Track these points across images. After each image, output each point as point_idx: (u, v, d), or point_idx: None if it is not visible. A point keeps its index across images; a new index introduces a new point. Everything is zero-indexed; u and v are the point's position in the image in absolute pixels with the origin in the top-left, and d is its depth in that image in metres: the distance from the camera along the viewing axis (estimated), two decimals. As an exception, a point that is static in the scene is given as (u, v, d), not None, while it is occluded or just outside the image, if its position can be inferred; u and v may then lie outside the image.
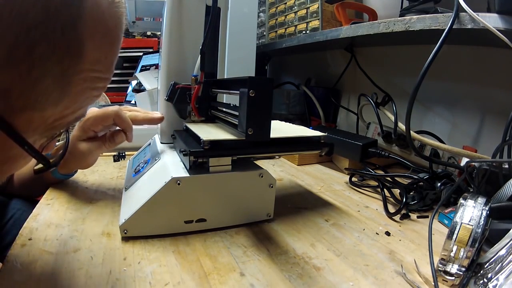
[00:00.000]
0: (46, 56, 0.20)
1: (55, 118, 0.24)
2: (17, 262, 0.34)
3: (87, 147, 0.48)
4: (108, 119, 0.47)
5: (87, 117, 0.47)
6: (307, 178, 0.68)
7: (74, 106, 0.24)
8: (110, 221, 0.44)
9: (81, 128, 0.47)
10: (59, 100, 0.23)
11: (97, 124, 0.47)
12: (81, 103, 0.25)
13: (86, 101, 0.25)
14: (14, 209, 0.55)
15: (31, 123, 0.22)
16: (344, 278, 0.35)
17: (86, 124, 0.47)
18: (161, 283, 0.32)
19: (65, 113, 0.24)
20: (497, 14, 0.46)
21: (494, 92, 0.64)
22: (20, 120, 0.22)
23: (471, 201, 0.36)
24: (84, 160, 0.49)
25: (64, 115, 0.24)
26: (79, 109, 0.25)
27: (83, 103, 0.25)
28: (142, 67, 1.37)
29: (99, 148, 0.49)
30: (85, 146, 0.48)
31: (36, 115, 0.22)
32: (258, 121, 0.35)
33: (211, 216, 0.43)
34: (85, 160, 0.49)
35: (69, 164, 0.51)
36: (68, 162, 0.51)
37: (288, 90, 1.14)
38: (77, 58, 0.22)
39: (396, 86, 0.85)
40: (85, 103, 0.25)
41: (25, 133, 0.22)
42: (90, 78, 0.24)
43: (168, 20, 0.51)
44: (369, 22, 0.66)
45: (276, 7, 1.10)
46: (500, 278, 0.30)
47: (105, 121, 0.48)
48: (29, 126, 0.22)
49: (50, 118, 0.23)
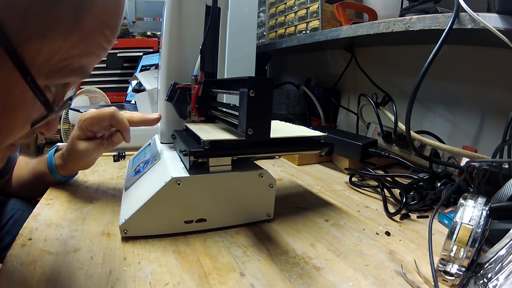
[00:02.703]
0: None
1: (62, 56, 0.23)
2: (17, 262, 0.34)
3: (85, 147, 0.48)
4: (104, 120, 0.48)
5: (85, 117, 0.48)
6: (307, 178, 0.68)
7: (81, 47, 0.24)
8: (110, 221, 0.44)
9: (79, 128, 0.48)
10: (69, 32, 0.23)
11: (94, 124, 0.48)
12: (88, 46, 0.24)
13: (93, 47, 0.25)
14: (14, 209, 0.55)
15: (38, 56, 0.22)
16: (344, 278, 0.35)
17: (84, 124, 0.48)
18: (161, 283, 0.32)
19: (71, 54, 0.23)
20: (497, 14, 0.46)
21: (494, 92, 0.64)
22: (28, 51, 0.21)
23: (471, 201, 0.36)
24: (83, 160, 0.50)
25: (70, 56, 0.23)
26: (85, 55, 0.25)
27: (90, 48, 0.25)
28: (142, 67, 1.37)
29: (98, 149, 0.49)
30: (84, 146, 0.48)
31: (45, 45, 0.22)
32: (258, 121, 0.35)
33: (211, 216, 0.43)
34: (84, 160, 0.50)
35: (68, 164, 0.51)
36: (67, 162, 0.51)
37: (288, 90, 1.14)
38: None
39: (396, 86, 0.85)
40: (92, 50, 0.25)
41: (30, 68, 0.22)
42: (101, 19, 0.24)
43: (168, 20, 0.51)
44: (369, 22, 0.66)
45: (276, 7, 1.10)
46: (500, 278, 0.30)
47: (101, 122, 0.48)
48: (35, 60, 0.22)
49: (56, 55, 0.23)
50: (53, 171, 0.52)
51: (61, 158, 0.52)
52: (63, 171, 0.52)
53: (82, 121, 0.48)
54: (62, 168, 0.52)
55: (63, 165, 0.52)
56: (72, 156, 0.49)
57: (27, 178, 0.55)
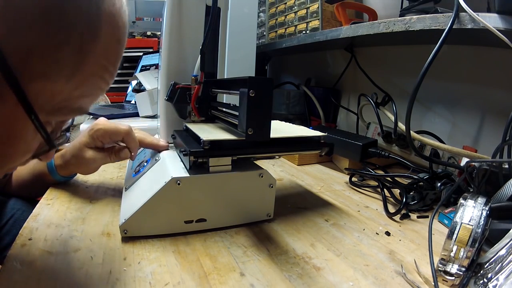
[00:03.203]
0: (72, 23, 0.21)
1: (63, 97, 0.24)
2: (17, 262, 0.34)
3: (93, 155, 0.49)
4: (119, 136, 0.49)
5: (98, 127, 0.49)
6: (307, 178, 0.68)
7: (82, 90, 0.25)
8: (110, 221, 0.44)
9: (90, 136, 0.49)
10: (72, 75, 0.23)
11: (106, 137, 0.49)
12: (88, 89, 0.25)
13: (92, 90, 0.26)
14: (14, 209, 0.55)
15: (41, 95, 0.22)
16: (344, 278, 0.35)
17: (96, 133, 0.48)
18: (161, 283, 0.32)
19: (72, 95, 0.24)
20: (497, 14, 0.46)
21: (494, 92, 0.64)
22: (32, 89, 0.22)
23: (471, 201, 0.36)
24: (87, 167, 0.50)
25: (71, 97, 0.24)
26: (84, 97, 0.25)
27: (89, 90, 0.26)
28: (142, 67, 1.37)
29: (103, 159, 0.50)
30: (91, 154, 0.49)
31: (48, 86, 0.22)
32: (258, 121, 0.35)
33: (211, 216, 0.43)
34: (87, 167, 0.50)
35: (71, 167, 0.52)
36: (70, 165, 0.51)
37: (288, 90, 1.14)
38: (94, 37, 0.23)
39: (396, 86, 0.85)
40: (90, 92, 0.26)
41: (33, 105, 0.22)
42: (101, 64, 0.25)
43: (168, 20, 0.51)
44: (369, 22, 0.66)
45: (276, 7, 1.10)
46: (500, 278, 0.30)
47: (115, 137, 0.50)
48: (38, 98, 0.22)
49: (58, 95, 0.23)
50: (53, 172, 0.52)
51: (62, 159, 0.52)
52: (63, 171, 0.52)
53: (94, 131, 0.48)
54: (62, 168, 0.52)
55: (63, 166, 0.52)
56: (77, 161, 0.50)
57: (26, 178, 0.56)
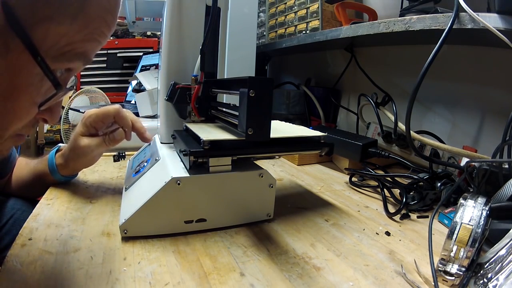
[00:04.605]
0: None
1: (67, 41, 0.24)
2: (17, 262, 0.34)
3: (88, 143, 0.49)
4: (109, 117, 0.49)
5: (89, 114, 0.49)
6: (307, 178, 0.68)
7: (85, 33, 0.25)
8: (110, 221, 0.44)
9: (83, 124, 0.49)
10: (75, 16, 0.24)
11: (98, 121, 0.49)
12: (91, 32, 0.26)
13: (95, 33, 0.26)
14: (14, 209, 0.55)
15: (46, 39, 0.23)
16: (344, 278, 0.35)
17: (88, 120, 0.49)
18: (161, 283, 0.32)
19: (76, 38, 0.25)
20: (497, 14, 0.46)
21: (494, 92, 0.64)
22: (37, 33, 0.22)
23: (471, 201, 0.36)
24: (85, 157, 0.50)
25: (75, 41, 0.25)
26: (87, 41, 0.26)
27: (92, 34, 0.26)
28: (142, 67, 1.37)
29: (100, 145, 0.50)
30: (86, 142, 0.49)
31: (53, 29, 0.23)
32: (258, 121, 0.35)
33: (211, 216, 0.43)
34: (86, 157, 0.50)
35: (70, 163, 0.52)
36: (69, 161, 0.51)
37: (288, 90, 1.14)
38: None
39: (396, 86, 0.85)
40: (93, 36, 0.26)
41: (39, 49, 0.23)
42: (103, 6, 0.26)
43: (168, 20, 0.51)
44: (369, 22, 0.66)
45: (276, 7, 1.10)
46: (500, 278, 0.30)
47: (106, 118, 0.50)
48: (43, 43, 0.23)
49: (63, 38, 0.24)
50: (54, 171, 0.52)
51: (62, 157, 0.52)
52: (64, 171, 0.52)
53: (86, 117, 0.49)
54: (63, 167, 0.52)
55: (64, 165, 0.52)
56: (74, 152, 0.50)
57: (27, 178, 0.56)
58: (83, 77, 1.97)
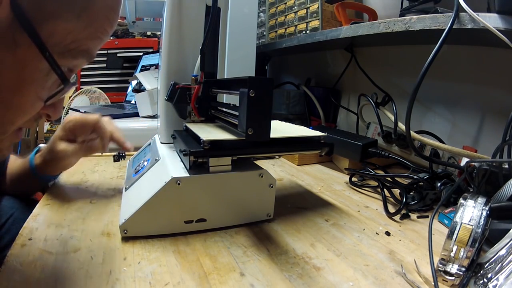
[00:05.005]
0: None
1: (73, 37, 0.25)
2: (17, 262, 0.34)
3: (64, 148, 0.49)
4: (88, 125, 0.50)
5: (69, 119, 0.49)
6: (307, 178, 0.68)
7: (90, 30, 0.26)
8: (110, 221, 0.44)
9: (62, 128, 0.49)
10: (80, 14, 0.25)
11: (77, 128, 0.50)
12: (95, 30, 0.27)
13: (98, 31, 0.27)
14: (14, 208, 0.55)
15: (53, 35, 0.24)
16: (344, 278, 0.35)
17: (67, 125, 0.49)
18: (161, 283, 0.32)
19: (81, 36, 0.26)
20: (497, 14, 0.46)
21: (494, 92, 0.64)
22: (45, 29, 0.23)
23: (471, 201, 0.36)
24: (60, 161, 0.50)
25: (79, 38, 0.26)
26: (91, 39, 0.27)
27: (96, 32, 0.27)
28: (142, 67, 1.37)
29: (76, 152, 0.50)
30: (63, 146, 0.49)
31: (59, 25, 0.24)
32: (258, 121, 0.35)
33: (211, 216, 0.43)
34: (61, 161, 0.50)
35: (47, 164, 0.51)
36: (47, 161, 0.51)
37: (288, 90, 1.14)
38: None
39: (396, 86, 0.85)
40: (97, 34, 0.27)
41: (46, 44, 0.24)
42: (105, 5, 0.27)
43: (168, 20, 0.51)
44: (369, 22, 0.66)
45: (276, 7, 1.10)
46: (500, 278, 0.30)
47: (85, 126, 0.50)
48: (50, 39, 0.24)
49: (69, 35, 0.25)
50: (33, 170, 0.52)
51: (41, 157, 0.52)
52: (41, 171, 0.52)
53: (66, 122, 0.49)
54: (41, 167, 0.52)
55: (41, 165, 0.52)
56: (50, 155, 0.50)
57: (15, 177, 0.55)
58: (83, 77, 1.97)
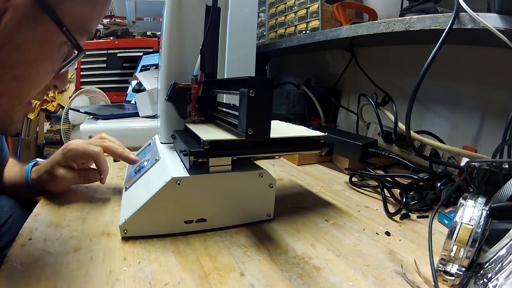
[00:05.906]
0: None
1: (82, 18, 0.31)
2: (17, 262, 0.34)
3: (63, 174, 0.49)
4: (88, 157, 0.51)
5: (71, 147, 0.49)
6: (307, 178, 0.68)
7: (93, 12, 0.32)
8: (110, 221, 0.44)
9: (63, 155, 0.49)
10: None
11: (77, 158, 0.50)
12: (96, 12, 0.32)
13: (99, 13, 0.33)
14: (13, 207, 0.55)
15: (66, 15, 0.29)
16: (344, 278, 0.35)
17: (68, 153, 0.49)
18: (161, 283, 0.32)
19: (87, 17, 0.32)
20: (497, 14, 0.46)
21: (494, 92, 0.64)
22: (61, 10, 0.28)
23: (471, 201, 0.36)
24: (56, 184, 0.50)
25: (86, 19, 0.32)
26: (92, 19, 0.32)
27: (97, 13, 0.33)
28: (142, 67, 1.37)
29: (73, 180, 0.50)
30: (62, 172, 0.49)
31: (72, 7, 0.29)
32: (258, 121, 0.35)
33: (211, 216, 0.43)
34: (57, 185, 0.50)
35: (43, 183, 0.50)
36: (43, 181, 0.50)
37: (288, 90, 1.14)
38: None
39: (396, 86, 0.85)
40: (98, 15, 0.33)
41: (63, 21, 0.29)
42: None
43: (168, 20, 0.51)
44: (369, 22, 0.66)
45: (276, 7, 1.10)
46: (500, 278, 0.30)
47: (85, 158, 0.51)
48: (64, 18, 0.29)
49: (79, 15, 0.30)
50: (28, 183, 0.51)
51: (36, 173, 0.51)
52: (36, 186, 0.51)
53: (67, 150, 0.49)
54: (36, 182, 0.51)
55: (37, 180, 0.51)
56: (48, 177, 0.49)
57: (11, 182, 0.55)
58: (83, 77, 1.96)
